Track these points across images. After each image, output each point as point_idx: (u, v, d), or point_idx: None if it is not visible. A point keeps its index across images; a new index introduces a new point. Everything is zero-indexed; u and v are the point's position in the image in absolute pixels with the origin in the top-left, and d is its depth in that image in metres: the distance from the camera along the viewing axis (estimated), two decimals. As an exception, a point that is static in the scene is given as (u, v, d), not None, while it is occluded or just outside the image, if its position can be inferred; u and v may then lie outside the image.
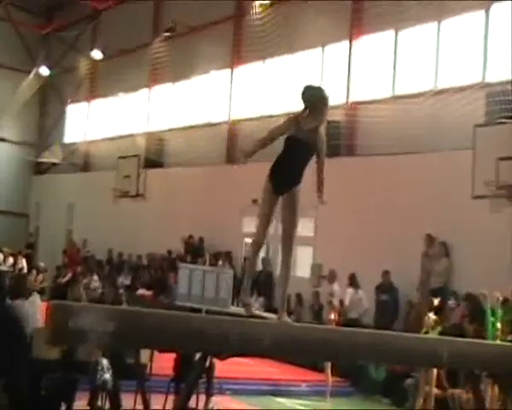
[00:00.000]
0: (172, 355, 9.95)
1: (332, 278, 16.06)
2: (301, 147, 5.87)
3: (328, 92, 5.99)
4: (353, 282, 16.05)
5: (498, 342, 10.23)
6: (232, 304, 17.41)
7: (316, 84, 6.17)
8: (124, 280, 19.64)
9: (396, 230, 15.74)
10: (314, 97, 5.94)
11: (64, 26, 30.42)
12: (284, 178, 5.85)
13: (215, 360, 9.19)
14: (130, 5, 26.17)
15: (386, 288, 15.64)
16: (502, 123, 13.80)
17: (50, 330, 4.88)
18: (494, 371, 7.42)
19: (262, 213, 5.92)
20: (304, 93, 5.95)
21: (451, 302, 14.16)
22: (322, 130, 5.99)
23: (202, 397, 9.86)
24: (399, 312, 15.48)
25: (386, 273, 15.56)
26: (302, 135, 5.86)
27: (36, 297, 9.89)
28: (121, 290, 11.35)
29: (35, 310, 9.39)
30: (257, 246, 6.05)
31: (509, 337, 11.36)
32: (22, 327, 6.49)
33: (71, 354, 8.55)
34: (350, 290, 15.97)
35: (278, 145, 5.92)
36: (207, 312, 12.50)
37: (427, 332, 11.47)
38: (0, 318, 5.92)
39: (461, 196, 14.41)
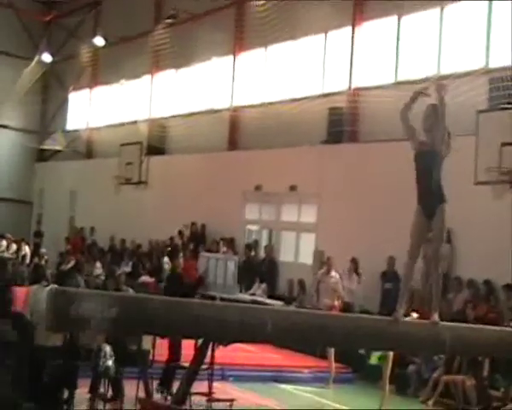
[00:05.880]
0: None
1: (330, 266, 15.84)
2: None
3: None
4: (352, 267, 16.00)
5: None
6: (240, 291, 17.50)
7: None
8: (125, 267, 19.60)
9: (398, 216, 15.64)
10: None
11: (66, 13, 30.36)
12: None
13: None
14: (132, -8, 26.10)
15: (390, 276, 15.49)
16: (505, 109, 13.73)
17: (52, 317, 4.88)
18: (496, 356, 7.40)
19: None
20: None
21: (450, 294, 14.15)
22: None
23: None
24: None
25: (390, 259, 15.34)
26: None
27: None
28: (121, 278, 11.25)
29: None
30: (410, 261, 6.89)
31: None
32: (22, 314, 6.49)
33: (73, 340, 8.56)
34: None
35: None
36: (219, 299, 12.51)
37: None
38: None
39: (463, 181, 14.33)
